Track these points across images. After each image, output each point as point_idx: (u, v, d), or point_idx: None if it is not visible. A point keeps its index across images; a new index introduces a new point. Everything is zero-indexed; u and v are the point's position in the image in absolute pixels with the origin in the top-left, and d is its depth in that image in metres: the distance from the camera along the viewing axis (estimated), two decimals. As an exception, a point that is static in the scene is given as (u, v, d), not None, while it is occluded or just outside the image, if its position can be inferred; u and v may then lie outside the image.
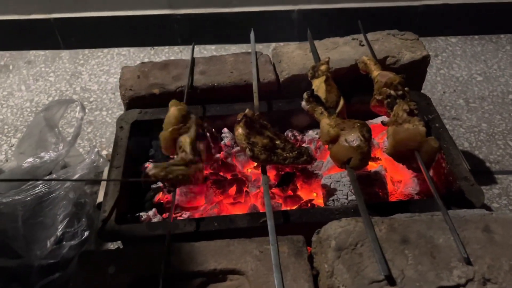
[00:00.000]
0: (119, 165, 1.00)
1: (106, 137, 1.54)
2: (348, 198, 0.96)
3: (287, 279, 0.73)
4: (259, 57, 1.19)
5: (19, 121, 1.60)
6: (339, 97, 0.98)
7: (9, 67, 1.84)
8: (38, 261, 1.06)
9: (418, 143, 0.84)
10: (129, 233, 0.88)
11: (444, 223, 0.74)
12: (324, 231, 0.75)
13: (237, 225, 0.89)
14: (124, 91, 1.11)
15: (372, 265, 0.69)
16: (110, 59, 1.88)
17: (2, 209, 1.00)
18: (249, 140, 0.88)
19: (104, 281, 0.73)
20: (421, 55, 1.17)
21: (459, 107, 1.63)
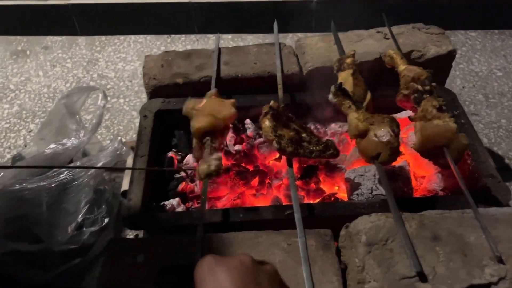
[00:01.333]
0: (144, 154, 1.00)
1: (123, 125, 1.54)
2: (372, 192, 0.96)
3: (315, 272, 0.73)
4: (283, 48, 1.18)
5: (37, 106, 1.60)
6: (366, 90, 0.98)
7: (26, 53, 1.84)
8: (59, 247, 1.07)
9: (448, 139, 0.83)
10: (155, 222, 0.88)
11: (475, 220, 0.74)
12: (354, 226, 0.75)
13: (262, 216, 0.89)
14: (148, 80, 1.10)
15: (403, 261, 0.69)
16: (126, 46, 1.87)
17: (27, 194, 1.01)
18: (276, 133, 0.88)
19: (133, 269, 0.74)
20: (446, 50, 1.15)
21: (478, 102, 1.62)
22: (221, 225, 0.87)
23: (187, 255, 0.75)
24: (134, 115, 1.57)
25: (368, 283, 0.68)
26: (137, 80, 1.71)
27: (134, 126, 1.53)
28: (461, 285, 0.66)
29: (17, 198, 1.02)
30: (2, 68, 1.76)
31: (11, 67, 1.77)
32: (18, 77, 1.72)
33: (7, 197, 1.03)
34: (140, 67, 1.76)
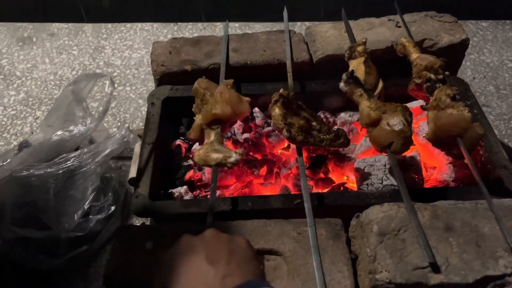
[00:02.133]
0: (152, 142, 0.99)
1: (130, 113, 1.53)
2: (383, 182, 0.94)
3: (325, 262, 0.73)
4: (292, 36, 1.16)
5: (43, 93, 1.59)
6: (377, 79, 0.96)
7: (32, 39, 1.83)
8: (66, 234, 1.07)
9: (462, 129, 0.82)
10: (163, 209, 0.87)
11: (489, 211, 0.72)
12: (366, 215, 0.74)
13: (271, 205, 0.88)
14: (156, 67, 1.09)
15: (416, 251, 0.68)
16: (133, 34, 1.86)
17: (34, 181, 1.00)
18: (286, 121, 0.87)
19: (141, 256, 0.73)
20: (460, 39, 1.13)
21: (489, 93, 1.60)
22: (229, 214, 0.87)
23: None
24: (140, 103, 1.56)
25: (380, 273, 0.67)
26: (144, 68, 1.69)
27: (141, 114, 1.52)
28: (474, 276, 0.65)
29: (24, 185, 1.02)
30: (9, 54, 1.75)
31: (17, 53, 1.76)
32: (25, 64, 1.71)
33: (14, 183, 1.03)
34: (147, 55, 1.74)
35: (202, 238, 0.57)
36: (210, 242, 0.56)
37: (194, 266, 0.53)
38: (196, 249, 0.55)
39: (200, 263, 0.53)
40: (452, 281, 0.65)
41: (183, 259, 0.54)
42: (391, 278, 0.66)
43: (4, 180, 0.98)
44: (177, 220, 0.88)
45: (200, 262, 0.53)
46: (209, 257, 0.53)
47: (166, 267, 0.55)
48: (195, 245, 0.56)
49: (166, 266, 0.55)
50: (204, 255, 0.53)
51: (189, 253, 0.55)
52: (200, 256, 0.53)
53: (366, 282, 0.69)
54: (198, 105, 0.91)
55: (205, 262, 0.52)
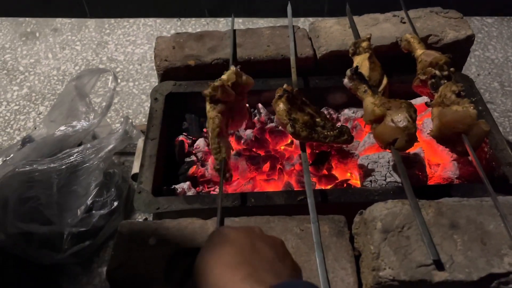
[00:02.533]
0: (155, 137, 0.99)
1: (132, 108, 1.53)
2: (386, 179, 0.94)
3: (328, 259, 0.72)
4: (296, 31, 1.15)
5: (46, 89, 1.59)
6: (382, 75, 0.95)
7: (35, 34, 1.82)
8: (69, 229, 1.07)
9: (467, 126, 0.81)
10: (166, 205, 0.87)
11: (494, 209, 0.72)
12: (369, 212, 0.74)
13: (274, 202, 0.88)
14: (159, 62, 1.09)
15: (420, 248, 0.68)
16: (136, 29, 1.85)
17: (37, 176, 1.00)
18: (290, 116, 0.86)
19: (144, 252, 0.73)
20: (465, 35, 1.12)
21: (494, 90, 1.59)
22: (232, 210, 0.86)
23: (199, 238, 0.74)
24: (143, 99, 1.55)
25: (384, 270, 0.66)
26: (147, 63, 1.69)
27: (144, 110, 1.52)
28: (479, 274, 0.64)
29: (27, 180, 1.02)
30: (12, 49, 1.75)
31: (20, 49, 1.76)
32: (28, 59, 1.71)
33: (17, 178, 1.03)
34: (150, 50, 1.74)
35: (233, 228, 0.53)
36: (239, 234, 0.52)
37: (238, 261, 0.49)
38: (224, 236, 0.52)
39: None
40: (456, 279, 0.64)
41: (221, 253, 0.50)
42: (395, 275, 0.65)
43: (7, 175, 0.98)
44: (180, 216, 0.88)
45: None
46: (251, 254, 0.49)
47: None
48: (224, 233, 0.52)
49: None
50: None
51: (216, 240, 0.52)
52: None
53: (369, 279, 0.69)
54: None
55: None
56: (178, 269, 0.72)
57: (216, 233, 0.53)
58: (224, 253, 0.48)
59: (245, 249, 0.49)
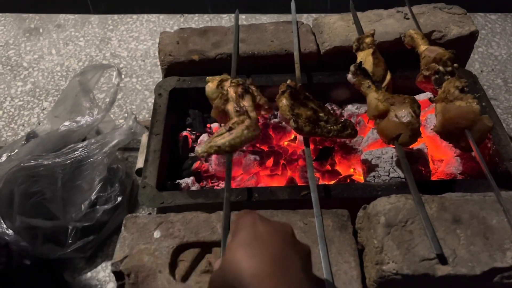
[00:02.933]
0: (159, 132, 0.99)
1: (136, 104, 1.53)
2: (390, 175, 0.94)
3: (332, 252, 0.73)
4: (300, 26, 1.15)
5: (50, 84, 1.59)
6: (386, 71, 0.95)
7: (39, 30, 1.83)
8: (74, 223, 1.08)
9: (470, 121, 0.81)
10: (170, 199, 0.88)
11: (497, 204, 0.72)
12: (373, 207, 0.74)
13: (278, 197, 0.88)
14: (164, 57, 1.09)
15: (423, 243, 0.68)
16: (139, 25, 1.86)
17: (42, 171, 1.01)
18: (293, 112, 0.86)
19: (149, 245, 0.74)
20: (469, 31, 1.12)
21: (497, 87, 1.58)
22: (235, 204, 0.87)
23: (203, 232, 0.75)
24: (147, 95, 1.56)
25: (387, 264, 0.67)
26: (150, 59, 1.69)
27: (147, 105, 1.52)
28: (482, 268, 0.65)
29: (32, 175, 1.03)
30: (15, 45, 1.76)
31: (24, 44, 1.76)
32: (31, 55, 1.71)
33: (22, 173, 1.03)
34: (153, 46, 1.74)
35: (269, 224, 0.52)
36: (276, 233, 0.50)
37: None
38: (258, 230, 0.50)
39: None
40: (459, 273, 0.65)
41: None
42: (398, 269, 0.66)
43: (13, 170, 0.99)
44: (184, 211, 0.88)
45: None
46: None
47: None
48: (258, 226, 0.51)
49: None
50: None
51: (250, 231, 0.50)
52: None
53: (372, 273, 0.69)
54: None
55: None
56: (183, 262, 0.73)
57: (248, 226, 0.51)
58: (255, 260, 0.47)
59: (276, 258, 0.47)
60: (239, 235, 0.50)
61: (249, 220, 0.52)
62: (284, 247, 0.49)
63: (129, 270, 0.70)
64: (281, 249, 0.49)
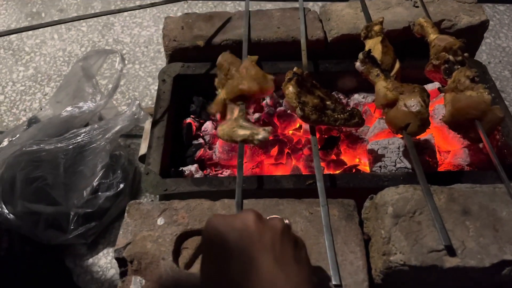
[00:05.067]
0: (162, 119, 0.98)
1: (139, 91, 1.52)
2: (396, 165, 0.93)
3: (337, 242, 0.72)
4: (307, 13, 1.13)
5: (52, 70, 1.58)
6: (394, 59, 0.93)
7: (41, 15, 1.80)
8: (76, 210, 1.07)
9: (481, 112, 0.79)
10: (174, 186, 0.86)
11: (507, 196, 0.71)
12: (381, 197, 0.73)
13: (282, 185, 0.87)
14: (168, 42, 1.07)
15: (431, 234, 0.67)
16: (142, 11, 1.83)
17: (44, 156, 1.00)
18: (299, 99, 0.85)
19: (153, 232, 0.72)
20: (479, 20, 1.10)
21: (504, 78, 1.56)
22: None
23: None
24: (149, 82, 1.54)
25: (394, 255, 0.66)
26: (153, 46, 1.67)
27: (150, 92, 1.51)
28: (491, 261, 0.64)
29: (34, 159, 1.02)
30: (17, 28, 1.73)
31: (26, 29, 1.74)
32: (33, 40, 1.69)
33: (24, 158, 1.03)
34: (156, 33, 1.72)
35: (230, 226, 0.49)
36: (237, 234, 0.48)
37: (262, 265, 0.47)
38: (221, 242, 0.48)
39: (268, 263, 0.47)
40: (468, 265, 0.64)
41: (241, 252, 0.47)
42: (405, 260, 0.65)
43: (15, 154, 0.98)
44: (187, 198, 0.87)
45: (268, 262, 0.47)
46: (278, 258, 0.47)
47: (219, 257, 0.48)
48: (221, 235, 0.48)
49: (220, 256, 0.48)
50: (272, 255, 0.48)
51: (214, 246, 0.49)
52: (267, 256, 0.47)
53: (379, 263, 0.68)
54: (222, 79, 0.88)
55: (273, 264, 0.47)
56: (187, 249, 0.72)
57: (213, 228, 0.49)
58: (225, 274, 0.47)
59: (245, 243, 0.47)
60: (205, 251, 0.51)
61: (211, 232, 0.50)
62: (246, 241, 0.48)
63: (132, 256, 0.69)
64: (242, 245, 0.48)
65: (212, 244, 0.49)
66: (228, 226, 0.49)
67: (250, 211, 0.51)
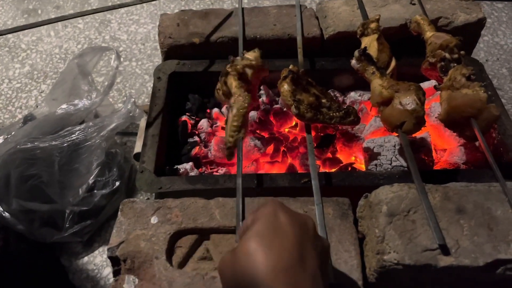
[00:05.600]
0: (157, 117, 0.97)
1: (135, 88, 1.51)
2: (392, 163, 0.93)
3: (332, 241, 0.71)
4: (304, 10, 1.13)
5: (48, 67, 1.57)
6: (390, 57, 0.93)
7: (37, 12, 1.80)
8: (71, 207, 1.07)
9: (477, 110, 0.79)
10: (169, 184, 0.86)
11: (502, 194, 0.71)
12: (375, 196, 0.73)
13: (278, 184, 0.87)
14: (163, 39, 1.06)
15: (426, 233, 0.66)
16: (139, 8, 1.82)
17: (39, 153, 1.00)
18: (295, 97, 0.84)
19: (146, 231, 0.72)
20: (476, 18, 1.09)
21: (502, 76, 1.56)
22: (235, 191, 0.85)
23: (202, 218, 0.73)
24: (146, 79, 1.54)
25: (388, 254, 0.65)
26: (150, 43, 1.67)
27: (146, 90, 1.50)
28: (485, 260, 0.63)
29: (29, 157, 1.01)
30: (14, 27, 1.73)
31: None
32: (30, 37, 1.68)
33: (19, 155, 1.02)
34: (153, 30, 1.71)
35: (293, 216, 0.50)
36: (298, 227, 0.49)
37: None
38: (280, 223, 0.48)
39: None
40: (462, 264, 0.63)
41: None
42: (399, 259, 0.64)
43: (9, 152, 0.97)
44: (182, 196, 0.87)
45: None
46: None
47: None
48: (280, 218, 0.48)
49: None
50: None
51: (271, 222, 0.48)
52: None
53: (373, 262, 0.68)
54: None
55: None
56: (181, 248, 0.71)
57: (268, 216, 0.49)
58: (271, 252, 0.45)
59: (294, 252, 0.46)
60: (257, 224, 0.48)
61: (269, 210, 0.49)
62: (303, 242, 0.47)
63: (125, 255, 0.69)
64: (300, 243, 0.47)
65: (270, 220, 0.48)
66: (290, 215, 0.49)
67: (311, 217, 0.52)
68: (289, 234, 0.47)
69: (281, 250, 0.45)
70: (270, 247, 0.45)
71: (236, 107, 0.80)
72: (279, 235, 0.47)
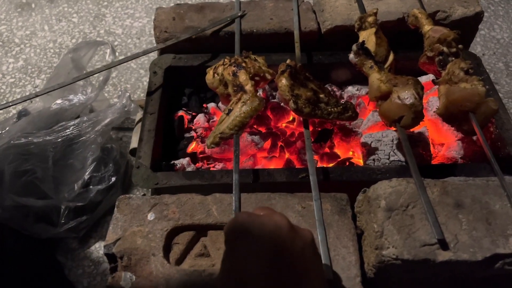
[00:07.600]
0: (154, 112, 0.96)
1: (131, 83, 1.50)
2: (390, 158, 0.92)
3: (330, 237, 0.71)
4: (301, 4, 1.12)
5: (42, 61, 1.55)
6: (388, 51, 0.93)
7: (31, 5, 1.77)
8: (66, 203, 1.06)
9: (475, 104, 0.79)
10: (165, 180, 0.85)
11: (500, 189, 0.70)
12: (373, 191, 0.72)
13: (275, 179, 0.86)
14: (159, 33, 1.05)
15: (424, 227, 0.66)
16: (134, 2, 1.80)
17: (33, 149, 0.98)
18: (292, 92, 0.84)
19: (143, 227, 0.71)
20: (474, 11, 1.09)
21: (498, 70, 1.56)
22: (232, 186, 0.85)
23: (198, 214, 0.73)
24: (142, 74, 1.52)
25: (387, 249, 0.65)
26: (145, 37, 1.65)
27: (142, 85, 1.49)
28: (484, 254, 0.63)
29: (23, 153, 1.00)
30: (7, 21, 1.70)
31: (15, 20, 1.71)
32: (23, 31, 1.66)
33: (13, 151, 1.01)
34: (149, 24, 1.70)
35: (260, 227, 0.46)
36: (268, 237, 0.46)
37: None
38: (249, 241, 0.46)
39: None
40: (460, 258, 0.63)
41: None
42: (398, 254, 0.64)
43: (3, 147, 0.96)
44: (179, 192, 0.86)
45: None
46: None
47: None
48: (249, 235, 0.46)
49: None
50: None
51: (241, 244, 0.46)
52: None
53: (372, 257, 0.68)
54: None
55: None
56: (178, 245, 0.71)
57: (241, 225, 0.46)
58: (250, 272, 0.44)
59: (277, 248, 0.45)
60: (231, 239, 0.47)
61: (238, 229, 0.46)
62: (278, 247, 0.45)
63: (121, 252, 0.68)
64: (274, 249, 0.45)
65: (237, 242, 0.46)
66: (258, 226, 0.46)
67: (281, 215, 0.49)
68: (260, 249, 0.45)
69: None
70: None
71: (250, 106, 0.80)
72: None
